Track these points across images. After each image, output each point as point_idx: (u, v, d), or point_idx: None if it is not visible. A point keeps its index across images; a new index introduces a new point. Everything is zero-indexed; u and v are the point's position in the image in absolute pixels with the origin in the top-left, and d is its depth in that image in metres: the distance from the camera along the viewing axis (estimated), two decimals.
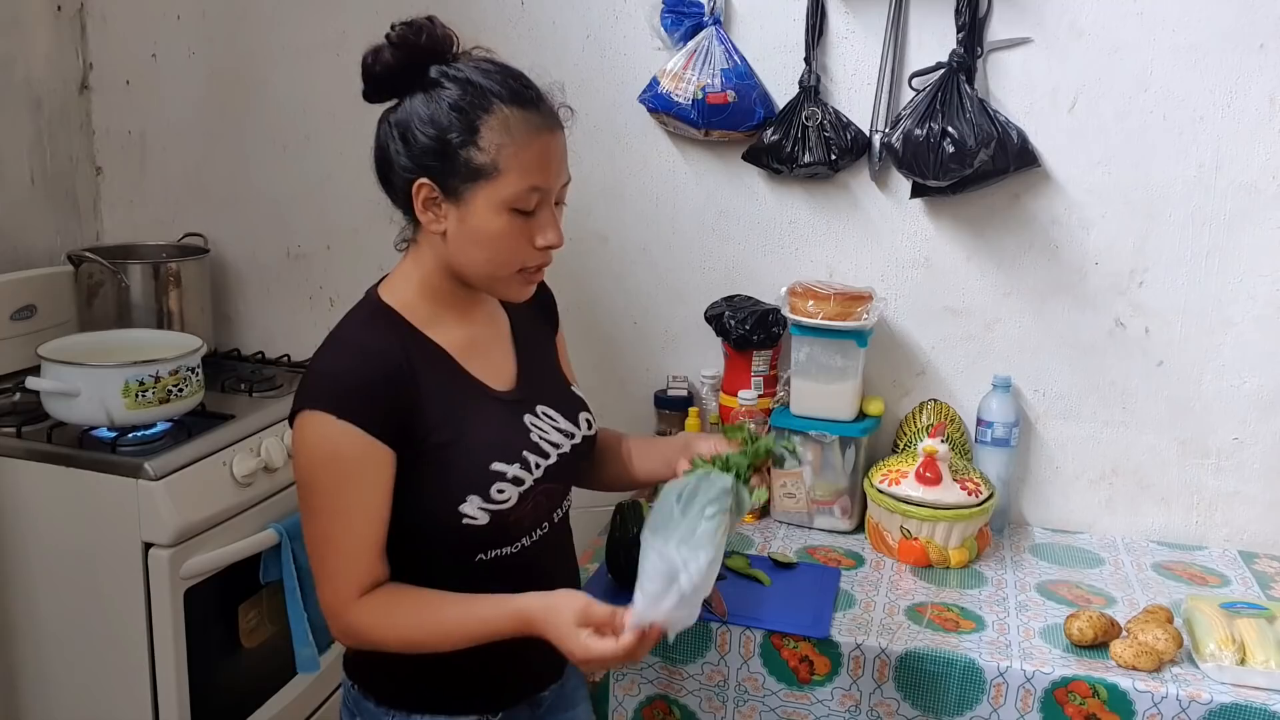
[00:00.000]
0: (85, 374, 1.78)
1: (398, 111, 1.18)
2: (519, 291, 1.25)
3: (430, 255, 1.22)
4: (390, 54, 1.17)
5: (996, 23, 1.88)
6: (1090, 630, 1.53)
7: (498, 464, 1.20)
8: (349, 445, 1.14)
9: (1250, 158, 1.81)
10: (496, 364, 1.28)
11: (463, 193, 1.16)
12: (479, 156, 1.15)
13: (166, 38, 2.32)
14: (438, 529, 1.20)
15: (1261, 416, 1.89)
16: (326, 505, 1.17)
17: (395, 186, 1.21)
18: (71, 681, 1.86)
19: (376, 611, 1.17)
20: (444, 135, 1.15)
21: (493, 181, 1.16)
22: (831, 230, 2.03)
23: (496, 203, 1.16)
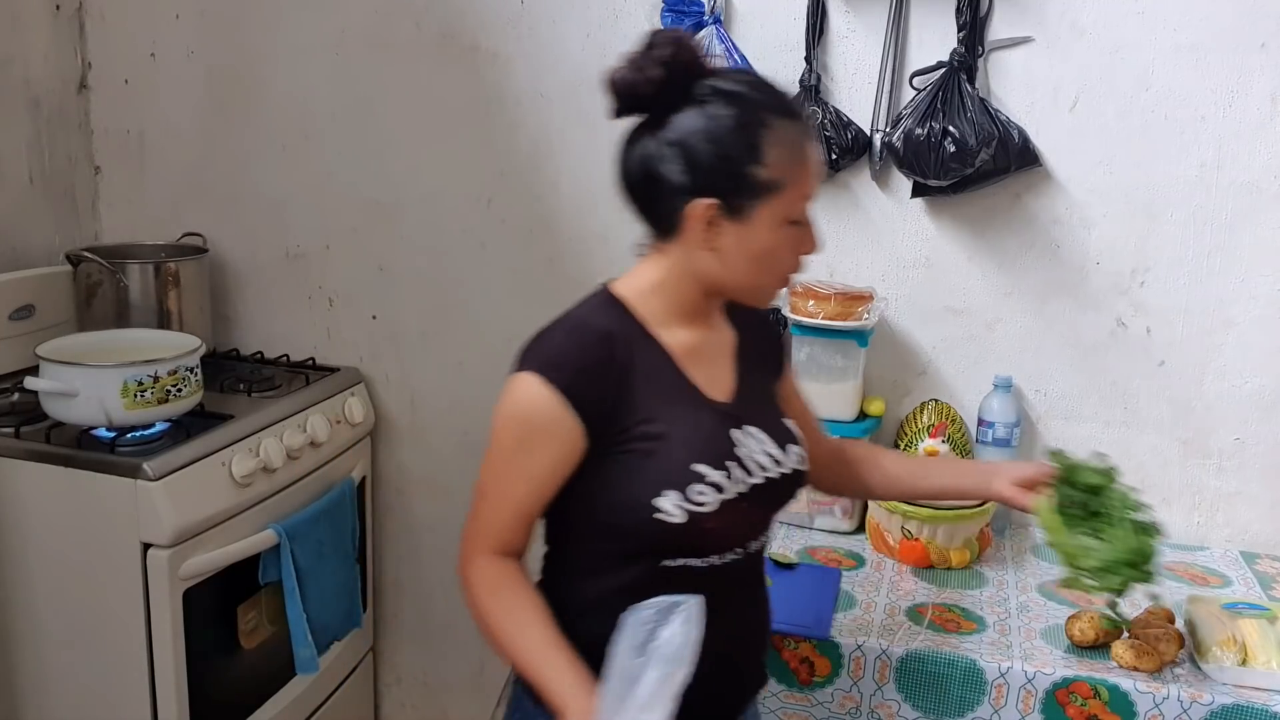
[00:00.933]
0: (84, 374, 1.78)
1: (669, 130, 1.15)
2: (771, 297, 1.27)
3: (677, 265, 1.21)
4: (659, 72, 1.14)
5: (998, 22, 1.87)
6: (1091, 631, 1.52)
7: (700, 465, 1.17)
8: (543, 411, 1.14)
9: (1252, 157, 1.81)
10: (715, 375, 1.26)
11: (747, 210, 1.15)
12: (764, 173, 1.14)
13: (165, 37, 2.32)
14: (630, 523, 1.17)
15: (1263, 416, 1.89)
16: (500, 459, 1.18)
17: (658, 204, 1.19)
18: (71, 682, 1.85)
19: (486, 580, 1.18)
20: (729, 154, 1.14)
21: (778, 197, 1.15)
22: (832, 230, 2.02)
23: (779, 218, 1.17)
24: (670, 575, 1.18)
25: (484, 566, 1.19)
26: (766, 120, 1.14)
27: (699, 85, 1.15)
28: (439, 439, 2.35)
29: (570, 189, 2.15)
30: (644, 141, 1.17)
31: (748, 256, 1.18)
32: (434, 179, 2.22)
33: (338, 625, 2.14)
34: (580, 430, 1.15)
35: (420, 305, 2.29)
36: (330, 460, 2.14)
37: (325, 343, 2.38)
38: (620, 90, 1.16)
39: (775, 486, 1.25)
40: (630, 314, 1.22)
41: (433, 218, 2.24)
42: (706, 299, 1.24)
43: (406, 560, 2.43)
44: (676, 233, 1.18)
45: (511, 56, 2.13)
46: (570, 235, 2.17)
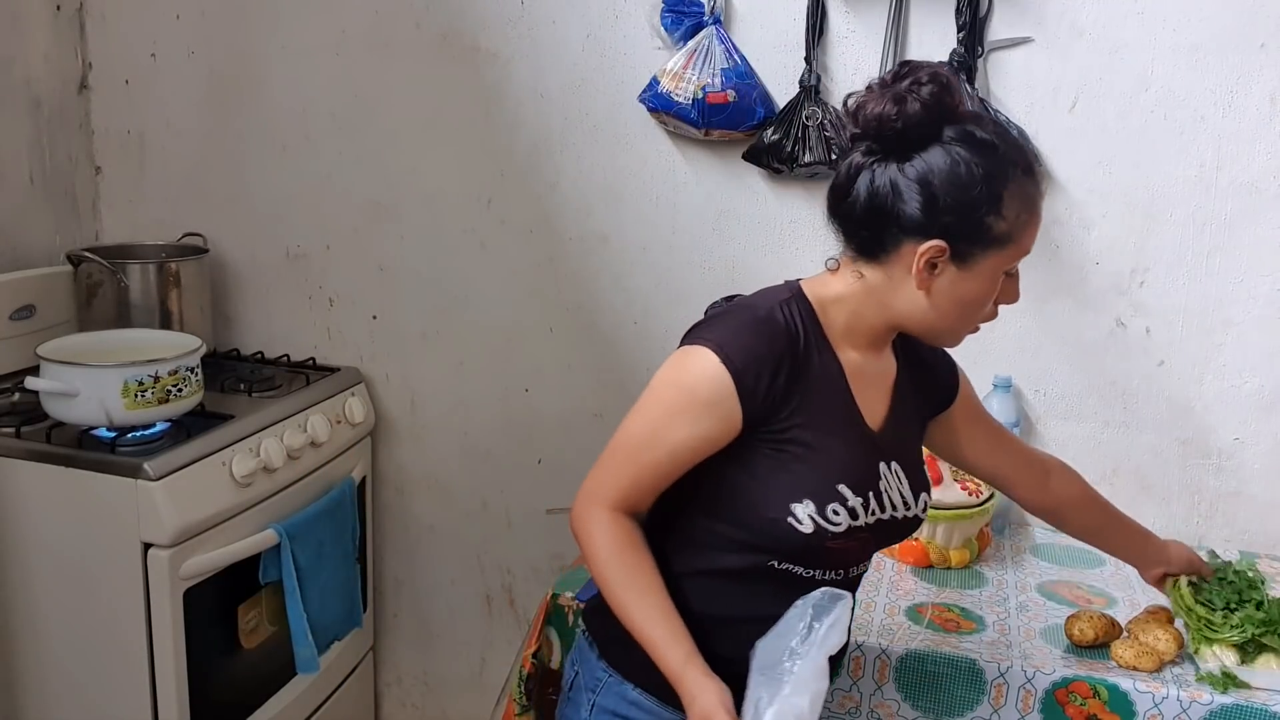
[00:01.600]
0: (84, 374, 1.78)
1: (913, 165, 1.14)
2: (960, 341, 1.26)
3: (874, 291, 1.21)
4: (919, 109, 1.13)
5: (997, 22, 1.87)
6: (1091, 631, 1.52)
7: (844, 486, 1.19)
8: (712, 387, 1.15)
9: (1251, 157, 1.81)
10: (874, 403, 1.26)
11: (975, 259, 1.16)
12: (999, 226, 1.14)
13: (166, 37, 2.32)
14: (760, 518, 1.18)
15: (1262, 416, 1.89)
16: (653, 418, 1.19)
17: (880, 232, 1.18)
18: (71, 681, 1.85)
19: (614, 539, 1.18)
20: (971, 201, 1.13)
21: (1005, 250, 1.16)
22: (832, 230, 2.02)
23: (1000, 270, 1.18)
24: (773, 575, 1.21)
25: (608, 520, 1.19)
26: (1011, 174, 1.15)
27: (950, 126, 1.15)
28: (439, 439, 2.35)
29: (570, 189, 2.15)
30: (882, 170, 1.16)
31: (958, 302, 1.18)
32: (434, 179, 2.22)
33: (338, 625, 2.14)
34: (739, 416, 1.15)
35: (420, 305, 2.30)
36: (330, 460, 2.15)
37: (325, 343, 2.38)
38: (871, 120, 1.15)
39: (898, 526, 1.26)
40: (817, 317, 1.22)
41: (433, 218, 2.24)
42: (887, 329, 1.24)
43: (407, 560, 2.44)
44: (887, 262, 1.18)
45: (511, 56, 2.13)
46: (570, 235, 2.17)
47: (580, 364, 2.24)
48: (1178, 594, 1.54)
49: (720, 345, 1.16)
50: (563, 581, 1.69)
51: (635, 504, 1.21)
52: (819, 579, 1.22)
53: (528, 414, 2.27)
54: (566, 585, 1.68)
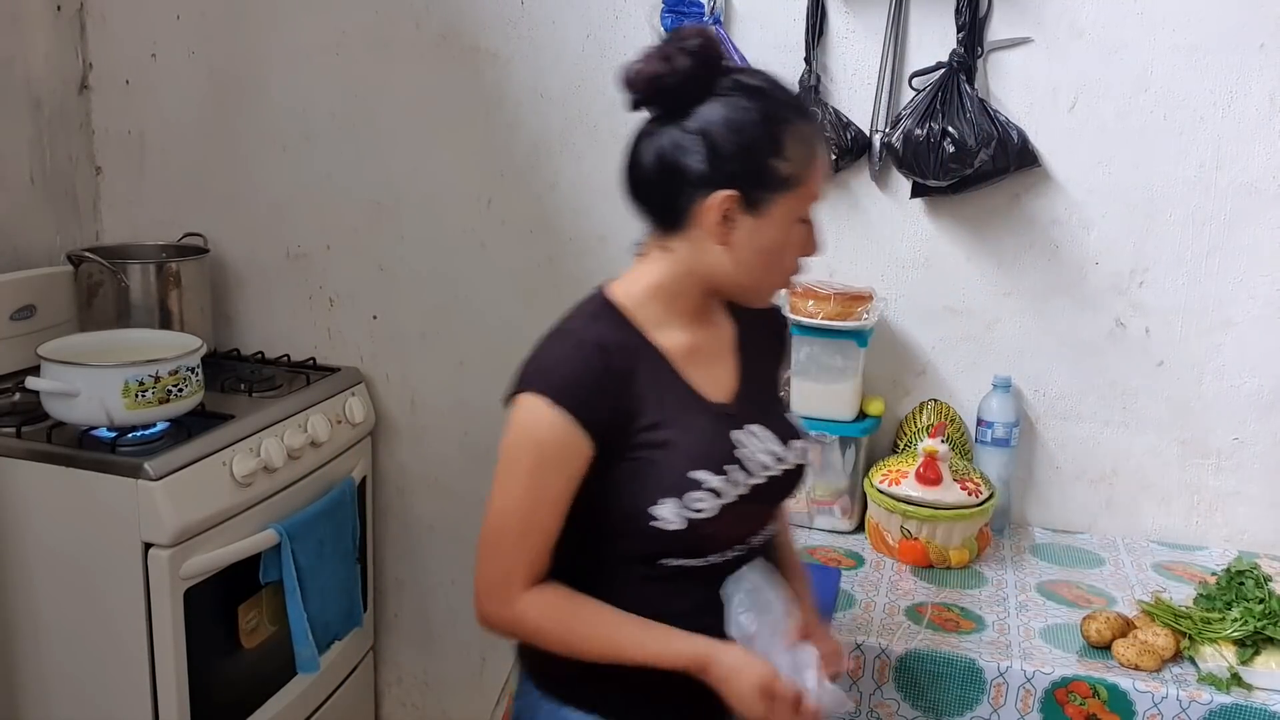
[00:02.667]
0: (85, 374, 1.78)
1: (692, 120, 1.14)
2: (770, 297, 1.27)
3: (682, 262, 1.21)
4: (688, 62, 1.14)
5: (997, 22, 1.88)
6: (1109, 631, 1.53)
7: (698, 472, 1.18)
8: (557, 433, 1.14)
9: (1250, 158, 1.81)
10: (716, 375, 1.26)
11: (764, 204, 1.16)
12: (785, 168, 1.15)
13: (166, 38, 2.32)
14: (627, 528, 1.18)
15: (1262, 416, 1.89)
16: (520, 486, 1.17)
17: (673, 196, 1.17)
18: (71, 681, 1.85)
19: (550, 608, 1.18)
20: (752, 146, 1.14)
21: (795, 193, 1.17)
22: (831, 230, 2.02)
23: (793, 214, 1.18)
24: (668, 574, 1.21)
25: (531, 599, 1.18)
26: (787, 117, 1.16)
27: (722, 80, 1.16)
28: (439, 439, 2.35)
29: (570, 189, 2.15)
30: (663, 132, 1.16)
31: (758, 251, 1.18)
32: (434, 179, 2.22)
33: (338, 625, 2.14)
34: (590, 445, 1.15)
35: (421, 305, 2.30)
36: (331, 460, 2.15)
37: (326, 343, 2.38)
38: (643, 81, 1.16)
39: (776, 484, 1.25)
40: (627, 321, 1.21)
41: (433, 218, 2.24)
42: (706, 298, 1.24)
43: (407, 560, 2.44)
44: (686, 227, 1.18)
45: (511, 57, 2.13)
46: (570, 235, 2.17)
47: None
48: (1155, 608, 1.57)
49: (547, 389, 1.15)
50: None
51: (541, 567, 1.19)
52: (719, 562, 1.22)
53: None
54: None
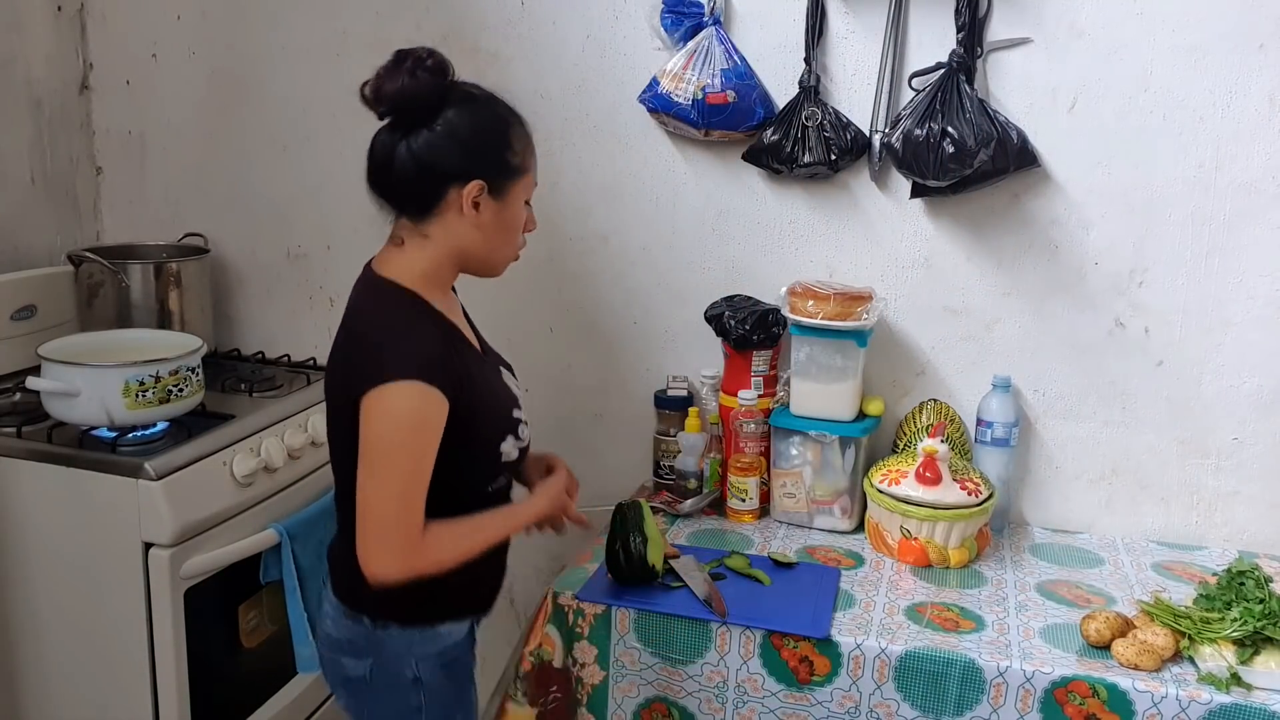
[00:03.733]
0: (85, 374, 1.78)
1: (440, 125, 1.35)
2: (503, 268, 1.49)
3: (440, 244, 1.40)
4: (429, 78, 1.35)
5: (996, 23, 1.88)
6: (1108, 631, 1.53)
7: (516, 410, 1.47)
8: (435, 409, 1.32)
9: (1250, 158, 1.82)
10: (469, 333, 1.51)
11: (505, 190, 1.39)
12: (514, 159, 1.40)
13: (166, 38, 2.32)
14: (476, 470, 1.43)
15: (1261, 416, 1.89)
16: (407, 465, 1.33)
17: (429, 189, 1.37)
18: (71, 681, 1.86)
19: (445, 540, 1.37)
20: (492, 143, 1.38)
21: (522, 179, 1.42)
22: (831, 230, 2.03)
23: (523, 195, 1.43)
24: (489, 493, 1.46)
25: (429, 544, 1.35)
26: (511, 118, 1.41)
27: (453, 91, 1.38)
28: None
29: (570, 189, 2.15)
30: (415, 137, 1.35)
31: (501, 228, 1.42)
32: None
33: None
34: (447, 406, 1.34)
35: None
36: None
37: (326, 342, 2.34)
38: (390, 96, 1.35)
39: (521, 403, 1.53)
40: (424, 301, 1.41)
41: None
42: (454, 274, 1.47)
43: None
44: (439, 213, 1.38)
45: (512, 57, 2.13)
46: (571, 235, 2.17)
47: (580, 364, 2.24)
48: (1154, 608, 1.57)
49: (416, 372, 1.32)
50: (563, 581, 1.70)
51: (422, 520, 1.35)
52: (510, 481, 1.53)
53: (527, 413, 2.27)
54: (566, 585, 1.68)
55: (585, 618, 1.64)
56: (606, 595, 1.64)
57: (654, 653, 1.62)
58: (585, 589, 1.66)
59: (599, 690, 1.65)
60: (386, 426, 1.32)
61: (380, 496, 1.33)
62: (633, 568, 1.65)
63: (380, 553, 1.34)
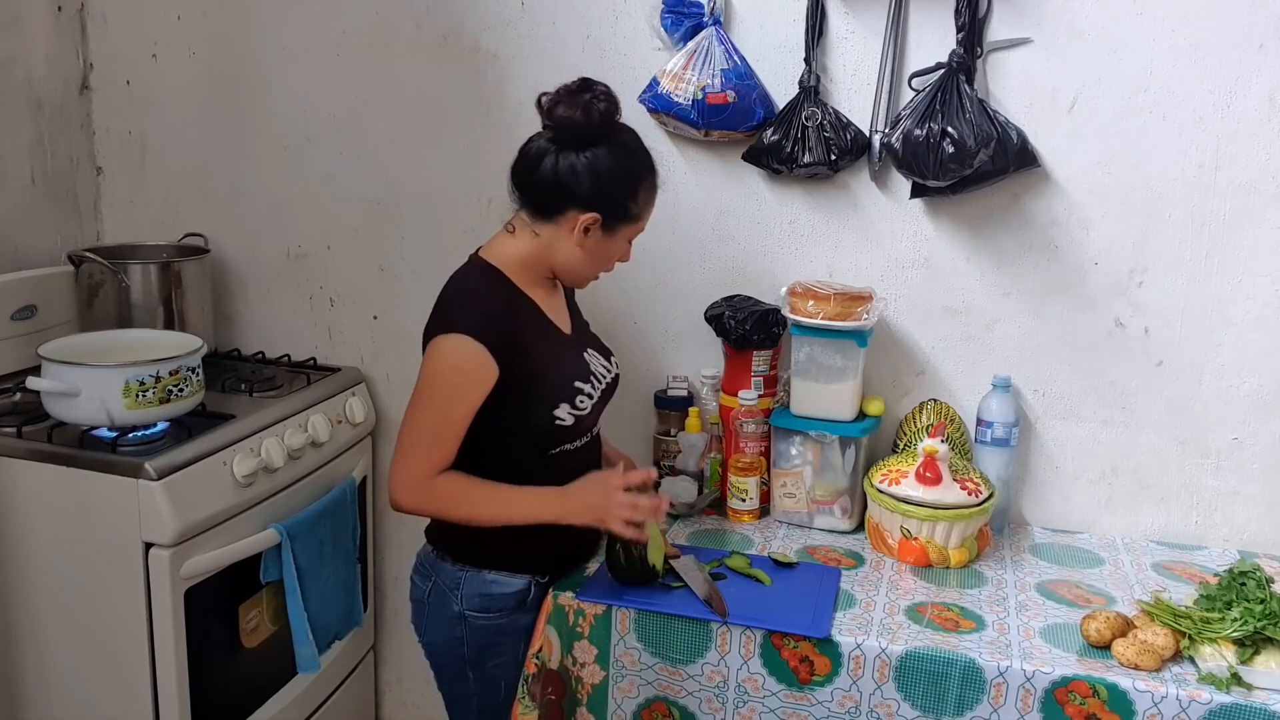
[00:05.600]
0: (85, 374, 1.79)
1: (587, 156, 1.55)
2: (588, 283, 1.72)
3: (543, 245, 1.61)
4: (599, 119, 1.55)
5: (996, 23, 1.88)
6: (1108, 631, 1.53)
7: (578, 382, 1.65)
8: (475, 361, 1.53)
9: (1250, 158, 1.82)
10: (560, 317, 1.71)
11: (615, 229, 1.61)
12: (634, 208, 1.61)
13: (166, 38, 2.32)
14: (533, 430, 1.60)
15: (1261, 416, 1.90)
16: (439, 404, 1.55)
17: (556, 200, 1.57)
18: (72, 681, 1.86)
19: (454, 492, 1.57)
20: (622, 188, 1.58)
21: (634, 225, 1.64)
22: (831, 230, 2.03)
23: (628, 237, 1.65)
24: (555, 459, 1.64)
25: (439, 482, 1.56)
26: (645, 173, 1.61)
27: (613, 134, 1.58)
28: None
29: None
30: (564, 156, 1.56)
31: (598, 256, 1.63)
32: (434, 179, 2.23)
33: (339, 624, 2.14)
34: (496, 368, 1.54)
35: (421, 305, 2.25)
36: (331, 460, 2.15)
37: (326, 343, 2.38)
38: (562, 119, 1.54)
39: (610, 387, 1.75)
40: (507, 278, 1.62)
41: (433, 218, 2.24)
42: (551, 271, 1.66)
43: (407, 559, 2.42)
44: (555, 223, 1.59)
45: (511, 57, 2.13)
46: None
47: None
48: (1155, 608, 1.57)
49: (466, 328, 1.53)
50: (563, 581, 1.70)
51: (445, 464, 1.56)
52: (583, 443, 1.69)
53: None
54: (567, 585, 1.68)
55: (585, 618, 1.64)
56: (607, 595, 1.64)
57: (654, 653, 1.62)
58: (585, 589, 1.66)
59: (599, 690, 1.65)
60: (432, 369, 1.55)
61: (411, 428, 1.56)
62: (633, 568, 1.65)
63: (396, 478, 1.57)
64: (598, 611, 1.64)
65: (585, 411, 1.64)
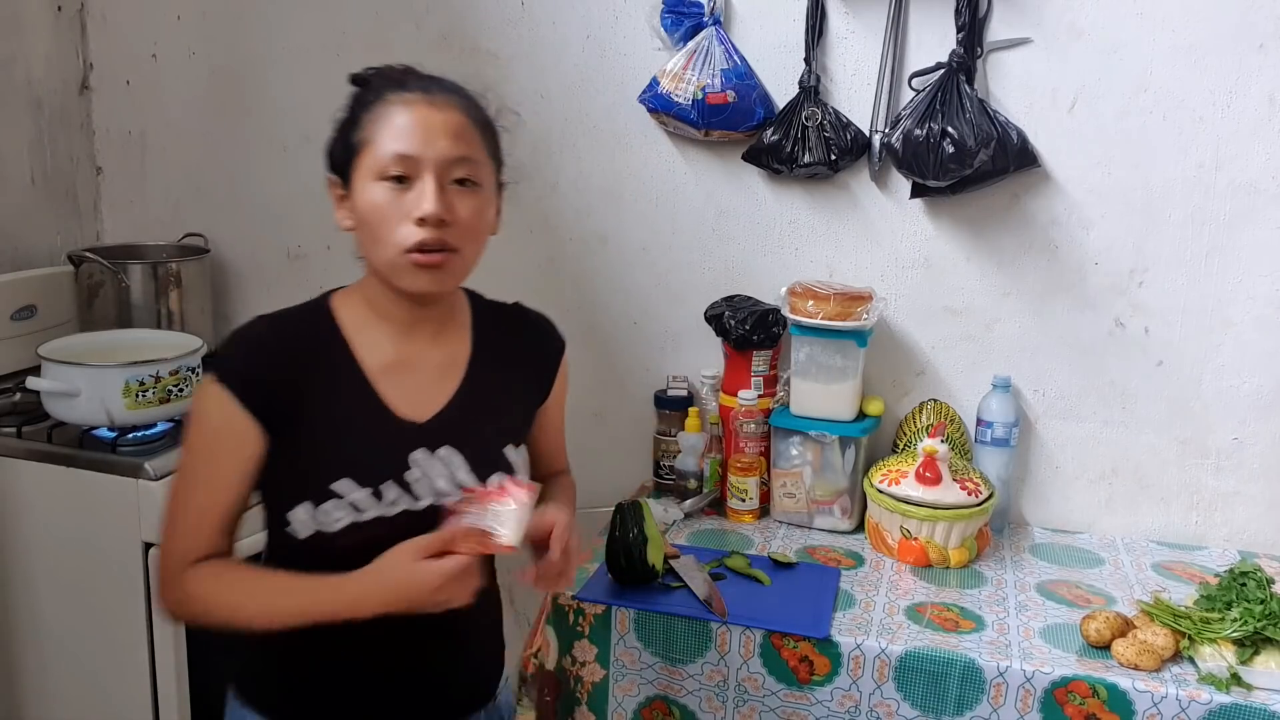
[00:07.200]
0: (85, 374, 1.79)
1: None
2: (413, 279, 1.17)
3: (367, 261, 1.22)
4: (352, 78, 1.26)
5: (996, 23, 1.88)
6: (1108, 631, 1.52)
7: (343, 483, 1.15)
8: (219, 411, 1.14)
9: (1250, 157, 1.81)
10: (421, 390, 1.22)
11: (350, 176, 1.18)
12: (356, 134, 1.18)
13: (166, 38, 2.32)
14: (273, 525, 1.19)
15: (1261, 416, 1.89)
16: (187, 466, 1.18)
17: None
18: (71, 681, 1.86)
19: (209, 577, 1.16)
20: (340, 126, 1.21)
21: (364, 153, 1.17)
22: (831, 230, 2.03)
23: (369, 173, 1.16)
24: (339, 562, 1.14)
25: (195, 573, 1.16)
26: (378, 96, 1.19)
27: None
28: None
29: (570, 189, 2.15)
30: None
31: (361, 222, 1.18)
32: None
33: None
34: (254, 427, 1.14)
35: None
36: None
37: None
38: None
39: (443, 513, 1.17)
40: (331, 318, 1.22)
41: None
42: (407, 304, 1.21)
43: None
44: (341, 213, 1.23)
45: (511, 57, 2.13)
46: (570, 235, 2.17)
47: (580, 364, 2.23)
48: (1155, 608, 1.57)
49: (220, 368, 1.16)
50: None
51: (209, 548, 1.17)
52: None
53: None
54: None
55: (585, 617, 1.64)
56: (606, 595, 1.64)
57: (654, 652, 1.62)
58: (585, 589, 1.66)
59: (599, 689, 1.65)
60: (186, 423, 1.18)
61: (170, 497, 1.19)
62: (633, 568, 1.65)
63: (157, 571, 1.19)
64: (597, 611, 1.64)
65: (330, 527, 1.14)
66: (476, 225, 1.21)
